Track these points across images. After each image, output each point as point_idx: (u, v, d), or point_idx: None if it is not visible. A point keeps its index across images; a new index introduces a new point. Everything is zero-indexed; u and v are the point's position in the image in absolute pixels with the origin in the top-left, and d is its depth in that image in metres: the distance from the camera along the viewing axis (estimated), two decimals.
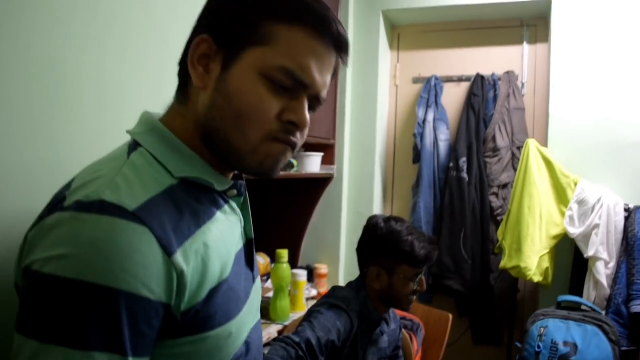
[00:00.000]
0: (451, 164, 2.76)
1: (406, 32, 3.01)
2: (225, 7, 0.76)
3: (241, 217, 0.85)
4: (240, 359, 0.79)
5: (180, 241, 0.68)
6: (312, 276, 2.71)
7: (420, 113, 2.85)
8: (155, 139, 0.75)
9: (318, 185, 2.77)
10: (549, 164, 2.53)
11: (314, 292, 2.67)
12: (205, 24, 0.77)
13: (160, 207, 0.68)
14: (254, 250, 0.88)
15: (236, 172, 0.86)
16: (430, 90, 2.86)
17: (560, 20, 2.56)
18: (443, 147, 2.83)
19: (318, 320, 1.61)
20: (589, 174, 2.50)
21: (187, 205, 0.72)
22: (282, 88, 0.73)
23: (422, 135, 2.83)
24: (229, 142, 0.74)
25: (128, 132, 0.78)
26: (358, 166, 2.86)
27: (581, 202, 2.44)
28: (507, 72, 2.74)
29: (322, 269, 2.74)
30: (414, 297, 1.77)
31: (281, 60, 0.72)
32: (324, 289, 2.71)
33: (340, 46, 0.77)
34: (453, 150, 2.79)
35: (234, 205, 0.83)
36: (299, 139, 0.78)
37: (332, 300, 1.69)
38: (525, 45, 2.78)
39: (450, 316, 2.32)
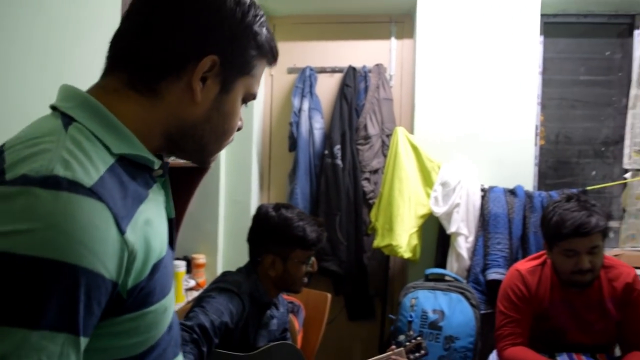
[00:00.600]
0: (326, 151, 2.88)
1: (281, 23, 3.08)
2: (236, 35, 0.81)
3: (164, 196, 0.87)
4: (166, 336, 0.80)
5: (128, 219, 0.68)
6: (190, 267, 2.68)
7: (296, 102, 2.93)
8: (88, 114, 0.73)
9: (194, 174, 2.73)
10: (415, 150, 2.75)
11: (192, 283, 2.64)
12: (212, 44, 0.79)
13: (110, 185, 0.68)
14: (174, 229, 0.89)
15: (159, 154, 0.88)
16: (305, 80, 2.95)
17: (424, 18, 2.80)
18: (318, 135, 2.94)
19: (210, 304, 1.62)
20: (451, 159, 2.76)
21: (128, 183, 0.72)
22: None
23: (297, 124, 2.92)
24: (205, 147, 0.85)
25: (56, 105, 0.75)
26: (235, 155, 2.87)
27: (444, 184, 2.69)
28: (377, 65, 2.93)
29: (200, 259, 2.72)
30: (306, 279, 1.86)
31: (255, 88, 0.88)
32: (202, 279, 2.69)
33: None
34: (327, 138, 2.91)
35: (159, 184, 0.85)
36: None
37: (223, 284, 1.71)
38: (393, 40, 2.99)
39: (329, 296, 2.44)
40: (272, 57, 0.89)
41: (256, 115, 2.94)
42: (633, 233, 2.94)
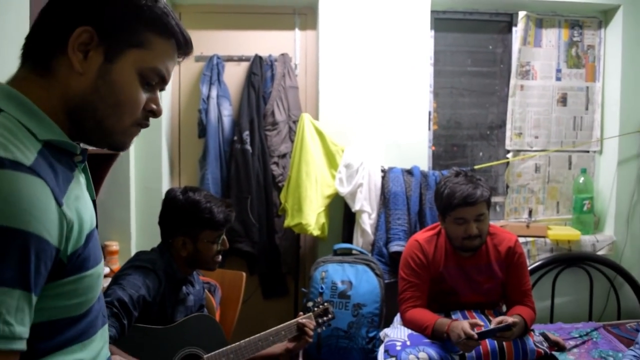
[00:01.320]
0: (235, 137, 2.97)
1: (188, 12, 3.11)
2: (111, 7, 0.86)
3: (85, 180, 0.94)
4: (96, 305, 0.90)
5: (62, 194, 0.78)
6: (103, 254, 2.66)
7: (204, 90, 2.98)
8: (13, 105, 0.80)
9: (103, 162, 2.71)
10: (320, 135, 2.91)
11: (106, 270, 2.63)
12: (84, 15, 0.84)
13: (43, 165, 0.77)
14: (96, 210, 0.96)
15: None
16: (212, 68, 3.01)
17: (326, 11, 2.96)
18: (227, 121, 3.01)
19: (127, 281, 1.68)
20: (353, 143, 2.95)
21: (56, 165, 0.81)
22: (148, 84, 0.91)
23: (206, 111, 2.97)
24: (103, 122, 0.88)
25: None
26: (144, 142, 2.87)
27: (348, 166, 2.86)
28: (282, 54, 3.05)
29: (113, 246, 2.71)
30: (219, 257, 1.95)
31: (155, 63, 0.90)
32: (116, 266, 2.68)
33: (188, 55, 0.97)
34: (236, 124, 2.99)
35: (80, 169, 0.92)
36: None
37: (137, 262, 1.78)
38: (297, 31, 3.13)
39: (244, 275, 2.53)
40: (176, 38, 0.91)
41: (165, 103, 2.96)
42: (515, 206, 3.30)
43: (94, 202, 0.93)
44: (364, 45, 2.99)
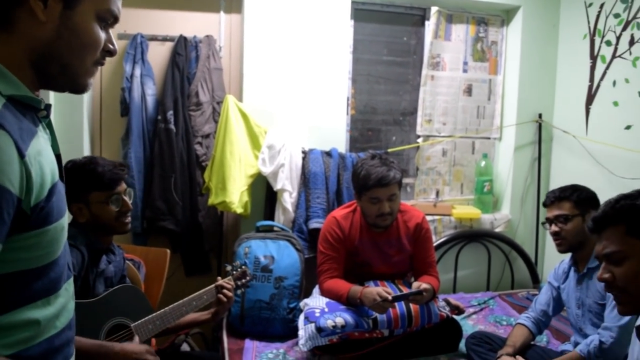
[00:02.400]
0: (159, 117, 2.99)
1: None
2: None
3: (49, 135, 0.98)
4: (61, 259, 0.94)
5: (25, 146, 0.82)
6: None
7: (128, 68, 2.98)
8: None
9: None
10: (244, 116, 3.00)
11: None
12: None
13: (8, 118, 0.81)
14: (62, 164, 1.01)
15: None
16: (136, 47, 3.00)
17: None
18: (150, 101, 3.02)
19: None
20: (276, 125, 3.07)
21: (21, 119, 0.85)
22: (104, 25, 0.97)
23: (130, 90, 2.97)
24: (68, 67, 0.93)
25: None
26: (65, 120, 2.82)
27: (270, 147, 2.98)
28: (207, 36, 3.09)
29: None
30: (126, 219, 1.93)
31: (109, 4, 0.96)
32: None
33: None
34: (160, 104, 3.01)
35: (44, 124, 0.97)
36: None
37: None
38: (222, 14, 3.18)
39: (168, 251, 2.59)
40: None
41: None
42: (424, 187, 3.56)
43: (58, 156, 0.97)
44: (288, 31, 3.10)
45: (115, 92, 3.04)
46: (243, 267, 2.28)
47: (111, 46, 0.99)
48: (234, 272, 2.24)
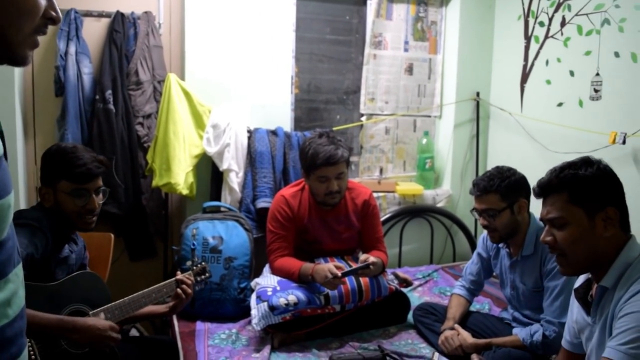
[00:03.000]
0: (97, 97, 2.87)
1: None
2: None
3: None
4: (9, 240, 0.89)
5: None
6: None
7: (62, 46, 2.84)
8: None
9: None
10: (187, 95, 2.94)
11: None
12: None
13: None
14: (5, 141, 0.94)
15: None
16: (70, 23, 2.86)
17: None
18: (87, 79, 2.90)
19: None
20: (220, 104, 3.02)
21: None
22: None
23: (64, 68, 2.83)
24: (3, 35, 0.85)
25: None
26: None
27: (215, 127, 2.94)
28: (146, 12, 2.98)
29: None
30: (89, 217, 1.87)
31: None
32: None
33: None
34: (98, 83, 2.89)
35: None
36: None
37: (21, 220, 1.69)
38: None
39: (112, 236, 2.53)
40: None
41: None
42: (368, 165, 3.62)
43: (0, 132, 0.92)
44: (230, 8, 3.04)
45: (49, 71, 2.89)
46: (203, 263, 2.29)
47: (53, 13, 0.91)
48: (194, 267, 2.23)
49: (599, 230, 1.46)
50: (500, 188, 2.14)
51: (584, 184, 1.47)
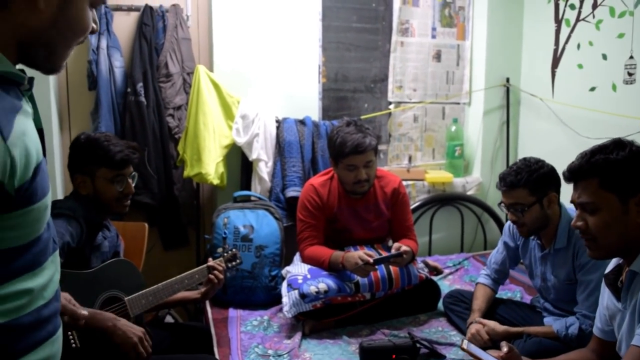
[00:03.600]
0: (129, 89, 2.93)
1: None
2: None
3: (31, 109, 0.95)
4: (45, 233, 0.94)
5: (9, 129, 0.80)
6: None
7: (93, 40, 2.89)
8: None
9: None
10: (216, 86, 2.97)
11: None
12: None
13: None
14: (44, 138, 0.98)
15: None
16: (100, 17, 2.91)
17: None
18: (119, 73, 2.95)
19: None
20: (248, 94, 3.05)
21: (4, 97, 0.83)
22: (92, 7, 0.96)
23: (96, 62, 2.89)
24: (56, 52, 0.93)
25: None
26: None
27: (244, 117, 2.97)
28: (174, 5, 3.02)
29: None
30: (126, 201, 1.97)
31: None
32: None
33: None
34: (129, 76, 2.95)
35: (26, 98, 0.94)
36: None
37: (56, 210, 1.73)
38: None
39: (146, 225, 2.58)
40: None
41: None
42: (397, 153, 3.61)
43: (41, 130, 0.95)
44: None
45: (82, 66, 2.95)
46: (233, 250, 2.32)
47: (95, 26, 0.97)
48: (225, 254, 2.27)
49: (632, 216, 1.43)
50: (529, 182, 2.06)
51: (615, 168, 1.44)
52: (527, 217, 2.10)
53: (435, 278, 2.69)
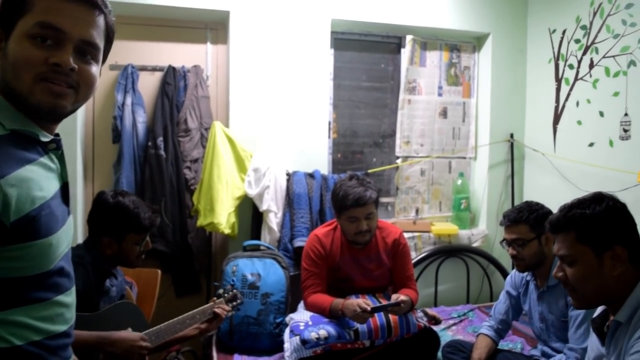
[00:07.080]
0: (149, 143, 3.14)
1: None
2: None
3: (58, 165, 1.08)
4: (55, 276, 1.04)
5: (7, 172, 0.92)
6: None
7: (119, 97, 3.13)
8: None
9: None
10: (231, 141, 3.16)
11: None
12: None
13: None
14: (69, 190, 1.11)
15: (57, 133, 1.10)
16: (127, 77, 3.16)
17: (236, 27, 3.22)
18: (141, 128, 3.17)
19: None
20: (261, 149, 3.23)
21: (16, 149, 0.96)
22: (45, 40, 0.98)
23: (121, 118, 3.12)
24: (12, 91, 0.99)
25: None
26: None
27: (256, 170, 3.14)
28: (195, 66, 3.27)
29: None
30: (143, 256, 2.15)
31: (37, 18, 0.98)
32: None
33: (91, 3, 1.05)
34: (151, 131, 3.17)
35: (53, 156, 1.07)
36: (76, 79, 1.02)
37: None
38: (209, 45, 3.36)
39: (159, 272, 2.71)
40: None
41: (80, 109, 3.08)
42: (404, 206, 3.73)
43: (66, 184, 1.07)
44: (271, 60, 3.28)
45: (107, 120, 3.18)
46: (234, 290, 2.43)
47: (55, 59, 0.98)
48: (226, 295, 2.38)
49: (607, 269, 1.48)
50: (530, 219, 2.27)
51: (591, 223, 1.50)
52: (526, 252, 2.27)
53: (436, 328, 2.75)
